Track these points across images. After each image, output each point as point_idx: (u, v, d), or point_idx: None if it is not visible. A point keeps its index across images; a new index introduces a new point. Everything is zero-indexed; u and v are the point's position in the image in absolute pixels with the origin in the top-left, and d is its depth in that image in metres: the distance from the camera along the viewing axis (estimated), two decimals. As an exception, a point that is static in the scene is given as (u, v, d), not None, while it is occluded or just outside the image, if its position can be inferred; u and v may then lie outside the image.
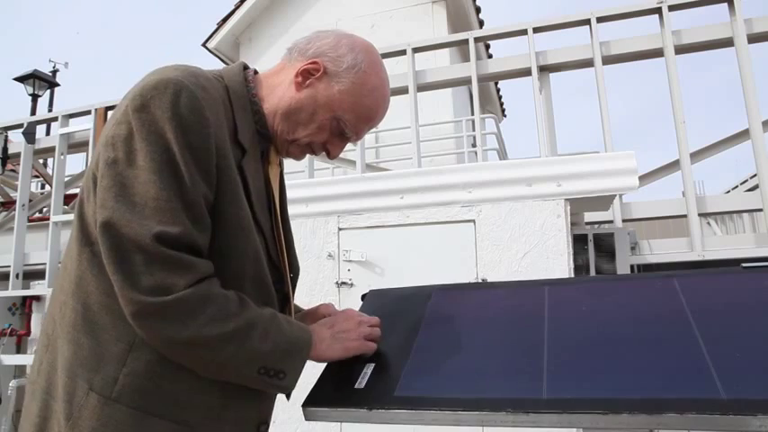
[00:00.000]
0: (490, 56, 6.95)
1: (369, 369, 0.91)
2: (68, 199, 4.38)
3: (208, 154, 0.78)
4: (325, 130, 0.92)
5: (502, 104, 9.52)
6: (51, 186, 4.23)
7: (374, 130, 6.39)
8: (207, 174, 0.78)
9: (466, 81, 3.41)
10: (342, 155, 1.13)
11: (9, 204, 5.62)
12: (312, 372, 0.92)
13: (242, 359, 0.78)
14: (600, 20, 3.03)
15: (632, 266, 2.85)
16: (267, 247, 0.90)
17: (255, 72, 0.96)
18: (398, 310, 1.07)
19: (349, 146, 1.06)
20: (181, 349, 0.75)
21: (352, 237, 2.77)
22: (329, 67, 0.89)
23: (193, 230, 0.75)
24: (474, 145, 5.70)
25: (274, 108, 0.91)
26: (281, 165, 1.04)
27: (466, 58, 3.37)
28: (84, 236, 0.79)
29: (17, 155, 4.43)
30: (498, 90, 9.00)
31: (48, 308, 0.85)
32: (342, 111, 0.90)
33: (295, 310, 1.13)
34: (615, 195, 2.55)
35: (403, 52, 3.36)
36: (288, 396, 0.89)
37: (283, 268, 0.95)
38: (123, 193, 0.73)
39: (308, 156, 1.01)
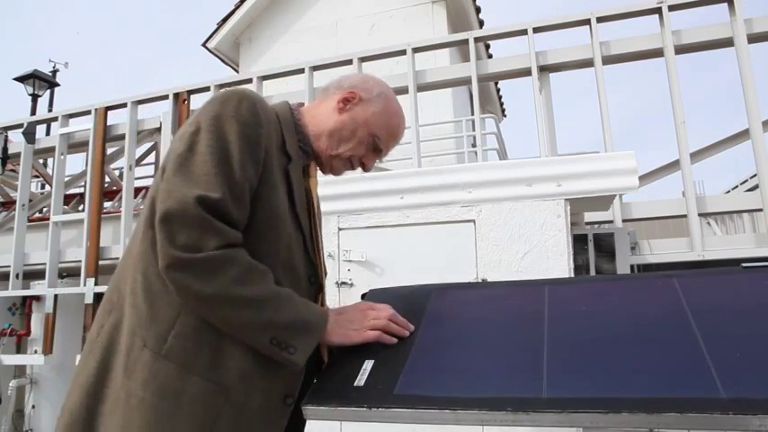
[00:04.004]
0: (490, 56, 6.94)
1: (368, 366, 0.91)
2: (68, 199, 4.38)
3: (259, 147, 0.95)
4: (363, 144, 1.13)
5: (502, 104, 9.52)
6: (51, 186, 4.24)
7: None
8: (256, 163, 0.94)
9: (466, 81, 3.41)
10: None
11: (9, 204, 5.62)
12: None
13: (257, 325, 0.88)
14: (600, 20, 3.02)
15: (632, 266, 2.85)
16: (305, 243, 1.03)
17: (301, 104, 1.16)
18: (398, 309, 1.07)
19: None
20: (206, 304, 0.86)
21: (352, 237, 2.77)
22: (363, 96, 1.12)
23: (232, 201, 0.88)
24: (474, 145, 5.70)
25: (320, 130, 1.10)
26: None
27: (466, 58, 3.37)
28: (153, 220, 0.90)
29: (17, 155, 4.43)
30: (498, 90, 9.00)
31: (112, 280, 1.00)
32: (376, 128, 1.12)
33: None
34: (615, 195, 2.54)
35: (403, 52, 3.36)
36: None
37: (318, 262, 1.07)
38: (182, 169, 0.89)
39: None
